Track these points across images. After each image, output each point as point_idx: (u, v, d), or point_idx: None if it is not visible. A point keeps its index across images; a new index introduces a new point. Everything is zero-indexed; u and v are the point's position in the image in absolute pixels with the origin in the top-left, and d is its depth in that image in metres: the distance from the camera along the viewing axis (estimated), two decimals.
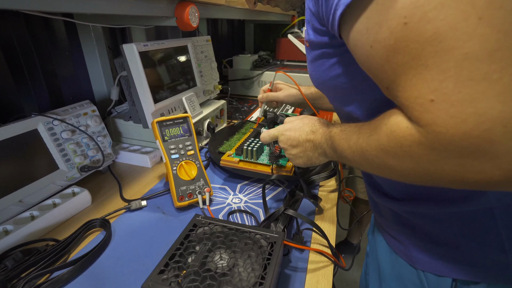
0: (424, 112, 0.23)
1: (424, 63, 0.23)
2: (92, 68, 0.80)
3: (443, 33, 0.21)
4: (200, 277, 0.34)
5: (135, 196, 0.62)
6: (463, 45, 0.21)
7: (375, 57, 0.27)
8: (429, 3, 0.22)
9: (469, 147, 0.22)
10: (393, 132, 0.27)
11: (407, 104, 0.25)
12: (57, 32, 0.72)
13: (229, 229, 0.42)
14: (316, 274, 0.44)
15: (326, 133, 0.41)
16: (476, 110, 0.21)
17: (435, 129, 0.22)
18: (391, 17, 0.24)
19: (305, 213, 0.57)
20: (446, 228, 0.38)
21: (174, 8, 0.65)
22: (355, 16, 0.27)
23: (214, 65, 0.96)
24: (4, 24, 0.60)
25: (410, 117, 0.25)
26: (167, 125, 0.60)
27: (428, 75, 0.22)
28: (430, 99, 0.22)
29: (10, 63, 0.62)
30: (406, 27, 0.23)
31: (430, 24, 0.22)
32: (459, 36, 0.21)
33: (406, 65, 0.24)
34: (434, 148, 0.23)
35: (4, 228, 0.46)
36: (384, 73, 0.26)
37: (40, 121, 0.56)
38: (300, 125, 0.46)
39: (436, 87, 0.22)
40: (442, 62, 0.22)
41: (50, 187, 0.56)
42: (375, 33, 0.26)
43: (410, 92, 0.24)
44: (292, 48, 1.41)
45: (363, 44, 0.27)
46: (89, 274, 0.43)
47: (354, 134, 0.34)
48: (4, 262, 0.41)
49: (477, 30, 0.20)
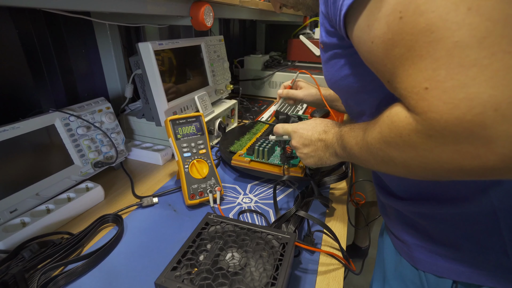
0: (419, 100, 0.24)
1: (419, 53, 0.24)
2: (107, 66, 0.82)
3: (434, 23, 0.22)
4: (213, 275, 0.35)
5: (147, 193, 0.63)
6: (453, 34, 0.22)
7: (376, 52, 0.28)
8: None
9: (463, 132, 0.22)
10: (393, 123, 0.28)
11: (405, 93, 0.25)
12: (74, 30, 0.73)
13: (240, 228, 0.42)
14: (327, 277, 0.44)
15: (337, 133, 0.42)
16: (467, 95, 0.21)
17: (430, 116, 0.23)
18: (388, 12, 0.25)
19: (315, 214, 0.57)
20: (448, 229, 0.38)
21: (189, 8, 0.66)
22: (357, 14, 0.29)
23: (226, 65, 0.96)
24: (26, 21, 0.62)
25: (408, 107, 0.26)
26: (180, 123, 0.60)
27: (423, 65, 0.23)
28: (424, 87, 0.23)
29: (30, 59, 0.64)
30: (401, 21, 0.24)
31: (423, 17, 0.23)
32: (449, 25, 0.22)
33: (403, 57, 0.25)
34: (431, 135, 0.24)
35: (21, 220, 0.48)
36: (384, 66, 0.28)
37: (57, 117, 0.57)
38: (313, 125, 0.47)
39: (430, 76, 0.23)
40: (434, 51, 0.23)
41: (65, 181, 0.57)
42: (375, 29, 0.27)
43: (407, 82, 0.25)
44: (304, 49, 1.41)
45: (365, 40, 0.29)
46: (102, 268, 0.44)
47: (361, 131, 0.35)
48: (21, 253, 0.42)
49: (466, 19, 0.21)
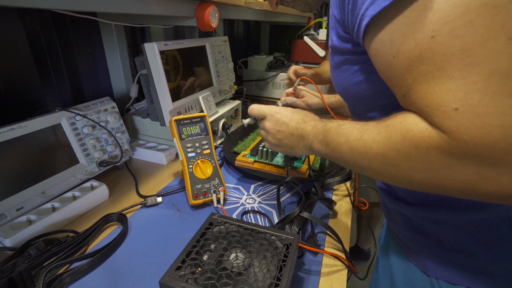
0: (446, 119, 0.24)
1: (450, 74, 0.24)
2: (112, 66, 0.82)
3: (471, 48, 0.23)
4: (217, 275, 0.35)
5: (151, 192, 0.63)
6: (492, 62, 0.22)
7: (397, 66, 0.28)
8: (458, 19, 0.23)
9: (492, 157, 0.23)
10: (409, 132, 0.27)
11: (427, 110, 0.25)
12: (81, 30, 0.74)
13: (244, 229, 0.43)
14: (330, 278, 0.44)
15: (319, 127, 0.41)
16: (503, 123, 0.22)
17: (458, 136, 0.23)
18: (418, 30, 0.25)
19: (318, 216, 0.57)
20: (460, 235, 0.38)
21: (195, 9, 0.66)
22: (380, 27, 0.28)
23: (231, 65, 0.96)
24: (33, 21, 0.62)
25: (431, 122, 0.25)
26: (185, 123, 0.61)
27: (453, 86, 0.24)
28: (454, 108, 0.24)
29: (37, 59, 0.64)
30: (432, 40, 0.24)
31: (458, 39, 0.23)
32: (488, 53, 0.22)
33: (430, 75, 0.25)
34: (453, 154, 0.24)
35: (28, 218, 0.48)
36: (403, 81, 0.27)
37: (64, 116, 0.58)
38: (292, 111, 0.46)
39: (462, 97, 0.23)
40: (469, 75, 0.23)
41: (71, 180, 0.58)
42: (399, 44, 0.27)
43: (431, 100, 0.25)
44: (308, 50, 1.41)
45: (385, 53, 0.28)
46: (106, 267, 0.44)
47: (356, 131, 0.34)
48: (28, 251, 0.42)
49: (506, 49, 0.22)
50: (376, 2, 0.27)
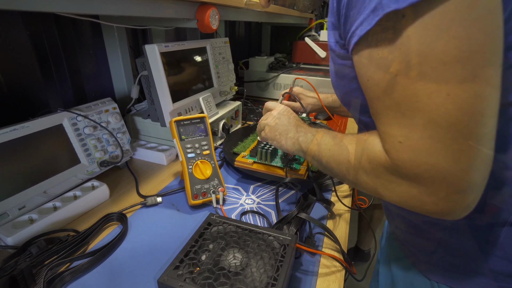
0: (392, 148, 0.30)
1: (402, 112, 0.28)
2: (114, 67, 0.83)
3: (420, 96, 0.26)
4: (214, 275, 0.35)
5: (151, 192, 0.64)
6: (432, 112, 0.26)
7: (369, 90, 0.31)
8: (415, 67, 0.26)
9: (418, 182, 0.29)
10: (368, 149, 0.33)
11: (383, 136, 0.31)
12: (83, 31, 0.75)
13: (242, 229, 0.43)
14: (327, 279, 0.44)
15: (312, 130, 0.48)
16: (428, 161, 0.27)
17: (397, 162, 0.29)
18: (388, 65, 0.28)
19: (317, 217, 0.58)
20: (462, 239, 0.38)
21: (195, 11, 0.67)
22: (362, 48, 0.30)
23: (231, 66, 0.97)
24: (36, 23, 0.63)
25: (383, 145, 0.31)
26: (185, 124, 0.61)
27: (403, 123, 0.28)
28: (399, 141, 0.29)
29: (40, 60, 0.65)
30: (395, 79, 0.27)
31: (413, 85, 0.26)
32: (431, 104, 0.26)
33: (390, 108, 0.29)
34: (394, 173, 0.30)
35: (29, 217, 0.49)
36: (373, 104, 0.32)
37: (65, 117, 0.59)
38: (286, 120, 0.53)
39: (406, 134, 0.28)
40: (415, 117, 0.27)
41: (72, 180, 0.59)
42: (372, 72, 0.30)
43: (386, 129, 0.30)
44: (309, 51, 1.41)
45: (362, 75, 0.32)
46: (106, 265, 0.45)
47: (339, 138, 0.40)
48: (29, 249, 0.43)
49: (445, 104, 0.25)
50: (365, 22, 0.28)
